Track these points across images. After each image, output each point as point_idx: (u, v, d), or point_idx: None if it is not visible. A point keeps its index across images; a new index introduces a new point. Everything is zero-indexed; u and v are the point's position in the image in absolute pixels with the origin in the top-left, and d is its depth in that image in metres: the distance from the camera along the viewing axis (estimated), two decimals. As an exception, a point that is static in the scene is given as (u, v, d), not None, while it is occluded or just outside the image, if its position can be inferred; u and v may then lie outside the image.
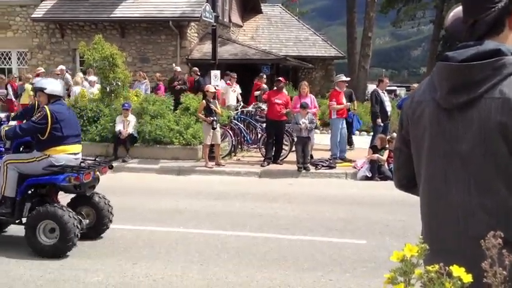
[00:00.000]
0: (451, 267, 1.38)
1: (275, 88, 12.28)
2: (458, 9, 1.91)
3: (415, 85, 13.67)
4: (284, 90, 12.49)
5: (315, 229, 7.27)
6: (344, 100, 12.41)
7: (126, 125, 12.25)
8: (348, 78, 13.93)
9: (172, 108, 13.67)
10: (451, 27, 1.96)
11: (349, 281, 5.35)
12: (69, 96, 14.72)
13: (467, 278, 1.36)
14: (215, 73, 12.67)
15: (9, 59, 22.10)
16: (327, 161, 11.83)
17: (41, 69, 17.12)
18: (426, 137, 1.83)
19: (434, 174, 1.82)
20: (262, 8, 27.66)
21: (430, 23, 32.13)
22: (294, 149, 12.98)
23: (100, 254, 6.20)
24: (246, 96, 17.09)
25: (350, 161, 12.13)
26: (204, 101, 11.74)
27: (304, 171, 11.24)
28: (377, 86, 13.32)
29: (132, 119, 12.51)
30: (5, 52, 22.03)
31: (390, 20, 33.76)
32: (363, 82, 24.85)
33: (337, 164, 11.92)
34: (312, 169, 11.33)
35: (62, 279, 5.40)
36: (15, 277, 5.42)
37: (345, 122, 12.57)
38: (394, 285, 1.46)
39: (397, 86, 42.04)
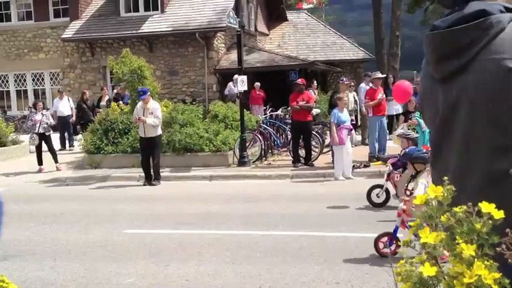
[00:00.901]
0: (479, 204, 1.26)
1: (296, 90, 12.17)
2: None
3: None
4: (309, 91, 12.29)
5: (347, 226, 7.10)
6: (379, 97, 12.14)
7: (148, 113, 10.85)
8: (383, 75, 13.78)
9: (201, 116, 13.71)
10: None
11: (384, 273, 5.17)
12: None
13: (499, 214, 1.24)
14: (242, 78, 12.63)
15: (42, 79, 22.67)
16: (361, 163, 11.57)
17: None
18: (426, 110, 1.81)
19: (438, 143, 1.77)
20: (287, 15, 27.67)
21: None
22: (325, 150, 12.85)
23: (132, 257, 6.18)
24: (275, 101, 17.01)
25: (385, 159, 11.83)
26: None
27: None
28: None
29: (154, 106, 11.08)
30: (38, 73, 22.63)
31: (418, 19, 33.20)
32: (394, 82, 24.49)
33: (371, 164, 11.68)
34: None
35: (94, 282, 5.39)
36: (49, 282, 5.45)
37: (384, 119, 12.33)
38: (419, 231, 1.35)
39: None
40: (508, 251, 1.22)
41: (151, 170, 11.17)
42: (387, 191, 8.20)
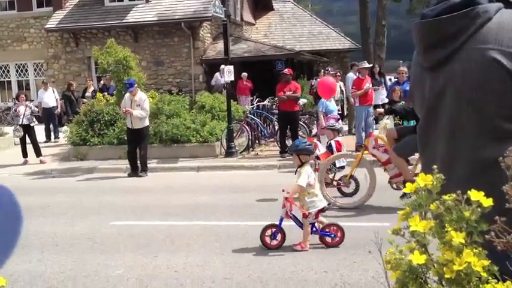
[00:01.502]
0: (468, 192, 1.27)
1: (283, 80, 12.15)
2: None
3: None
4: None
5: (337, 215, 7.14)
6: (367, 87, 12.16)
7: (135, 105, 10.76)
8: (370, 65, 13.83)
9: (187, 107, 13.66)
10: None
11: (372, 261, 5.22)
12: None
13: (488, 202, 1.25)
14: (228, 68, 12.58)
15: (26, 71, 22.39)
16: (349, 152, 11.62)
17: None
18: (415, 97, 1.81)
19: (425, 130, 1.78)
20: (273, 4, 27.56)
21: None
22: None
23: (120, 249, 6.16)
24: (262, 91, 17.00)
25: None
26: None
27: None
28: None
29: (141, 97, 10.91)
30: (21, 64, 22.33)
31: (404, 8, 33.24)
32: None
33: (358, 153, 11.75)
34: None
35: (82, 274, 5.37)
36: (36, 275, 5.41)
37: (371, 109, 12.38)
38: (409, 219, 1.35)
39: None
40: (497, 239, 1.23)
41: (138, 162, 11.12)
42: None
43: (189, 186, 9.90)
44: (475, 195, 1.26)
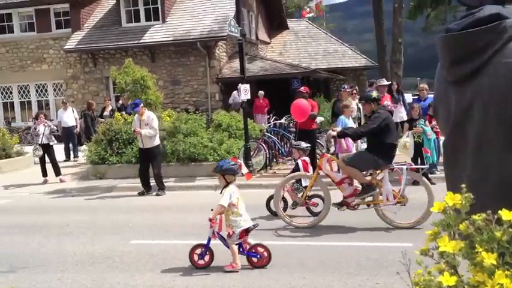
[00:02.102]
0: (499, 211, 1.25)
1: (300, 98, 12.16)
2: None
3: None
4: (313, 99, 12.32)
5: (357, 235, 7.07)
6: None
7: (143, 125, 10.83)
8: (389, 83, 13.78)
9: (204, 125, 13.73)
10: None
11: (397, 283, 5.15)
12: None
13: (520, 222, 1.23)
14: (245, 87, 12.65)
15: (46, 90, 22.77)
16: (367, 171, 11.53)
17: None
18: (440, 112, 1.80)
19: (451, 146, 1.76)
20: (288, 23, 27.75)
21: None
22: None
23: (139, 268, 6.16)
24: (278, 109, 17.02)
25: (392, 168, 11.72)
26: None
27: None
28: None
29: (149, 116, 10.89)
30: (41, 84, 22.71)
31: (419, 25, 33.18)
32: (396, 89, 24.44)
33: (377, 171, 11.65)
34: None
35: (102, 293, 5.37)
36: (57, 294, 5.43)
37: None
38: (438, 239, 1.34)
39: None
40: (530, 260, 1.21)
41: (152, 181, 11.15)
42: (284, 200, 8.40)
43: (207, 205, 9.78)
44: (507, 214, 1.24)
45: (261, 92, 18.69)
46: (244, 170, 6.36)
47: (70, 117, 16.90)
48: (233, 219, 5.82)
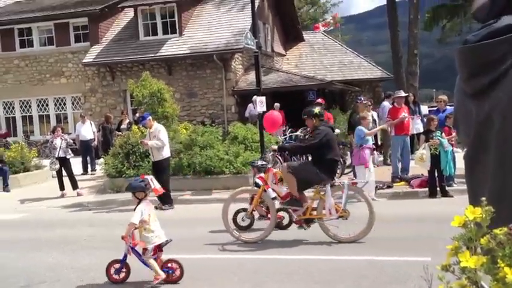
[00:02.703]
0: (522, 226, 1.23)
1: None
2: None
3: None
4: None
5: (374, 248, 7.00)
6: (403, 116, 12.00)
7: (152, 137, 10.88)
8: (406, 94, 13.68)
9: (220, 138, 13.76)
10: (477, 12, 1.85)
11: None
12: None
13: (543, 237, 1.20)
14: (261, 99, 12.67)
15: (64, 104, 23.05)
16: (384, 183, 11.45)
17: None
18: (460, 124, 1.77)
19: (472, 159, 1.72)
20: (304, 35, 27.81)
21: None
22: (346, 171, 12.76)
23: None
24: (293, 122, 17.00)
25: (409, 180, 11.60)
26: None
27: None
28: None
29: (157, 128, 10.94)
30: (60, 98, 23.01)
31: (435, 36, 33.01)
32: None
33: (394, 184, 11.55)
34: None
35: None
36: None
37: (408, 139, 12.21)
38: (459, 254, 1.31)
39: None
40: (554, 275, 1.18)
41: (170, 193, 11.15)
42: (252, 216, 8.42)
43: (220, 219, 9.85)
44: (529, 229, 1.22)
45: (277, 104, 18.68)
46: (155, 185, 6.40)
47: (88, 131, 17.06)
48: (145, 235, 5.92)
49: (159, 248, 5.97)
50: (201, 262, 6.83)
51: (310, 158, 8.43)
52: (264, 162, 8.78)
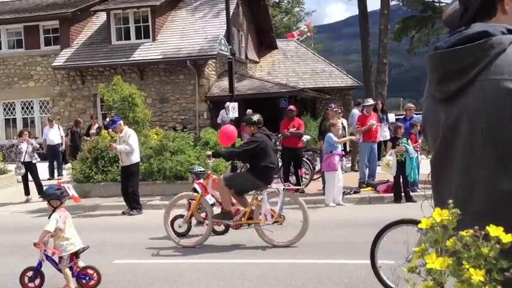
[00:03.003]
0: (487, 227, 1.23)
1: (287, 117, 12.24)
2: (457, 2, 1.83)
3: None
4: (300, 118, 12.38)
5: (340, 253, 7.02)
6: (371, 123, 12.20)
7: (121, 141, 10.72)
8: (375, 102, 13.94)
9: (192, 143, 13.68)
10: (448, 19, 1.88)
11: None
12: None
13: (507, 238, 1.20)
14: (233, 105, 12.67)
15: (32, 108, 22.59)
16: (351, 189, 11.59)
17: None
18: (428, 131, 1.80)
19: (439, 164, 1.75)
20: (277, 43, 27.97)
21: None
22: (315, 177, 12.82)
23: None
24: (267, 128, 17.02)
25: (375, 186, 11.84)
26: None
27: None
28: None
29: (127, 133, 10.74)
30: (27, 102, 22.53)
31: (404, 47, 33.63)
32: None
33: (361, 189, 11.72)
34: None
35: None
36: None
37: (375, 146, 12.38)
38: (425, 256, 1.31)
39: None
40: (518, 276, 1.18)
41: (140, 198, 11.03)
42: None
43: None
44: (494, 230, 1.22)
45: (249, 111, 18.63)
46: (71, 192, 6.37)
47: (55, 135, 16.75)
48: (60, 243, 5.87)
49: (75, 255, 5.92)
50: (168, 266, 6.74)
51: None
52: (202, 169, 8.85)
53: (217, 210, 8.05)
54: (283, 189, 7.75)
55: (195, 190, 8.45)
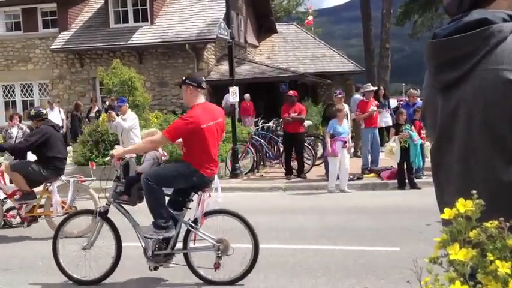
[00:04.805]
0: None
1: (288, 102, 12.17)
2: None
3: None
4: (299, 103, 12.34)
5: (343, 239, 7.04)
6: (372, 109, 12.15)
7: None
8: (375, 88, 13.86)
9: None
10: (449, 5, 1.83)
11: (384, 287, 5.13)
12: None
13: (533, 230, 1.18)
14: (233, 89, 12.61)
15: (31, 91, 22.49)
16: (354, 175, 11.56)
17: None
18: (427, 119, 1.77)
19: (438, 153, 1.73)
20: (277, 27, 27.76)
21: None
22: (317, 162, 12.83)
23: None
24: (266, 113, 17.01)
25: (378, 172, 11.79)
26: None
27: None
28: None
29: (128, 114, 10.73)
30: (26, 84, 22.43)
31: (406, 31, 33.47)
32: (383, 94, 24.57)
33: (364, 176, 11.70)
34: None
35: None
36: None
37: (377, 131, 12.35)
38: (448, 247, 1.29)
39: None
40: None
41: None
42: None
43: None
44: (520, 222, 1.20)
45: (247, 95, 18.65)
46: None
47: (56, 118, 16.65)
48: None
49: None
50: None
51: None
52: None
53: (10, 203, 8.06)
54: (74, 180, 7.86)
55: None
